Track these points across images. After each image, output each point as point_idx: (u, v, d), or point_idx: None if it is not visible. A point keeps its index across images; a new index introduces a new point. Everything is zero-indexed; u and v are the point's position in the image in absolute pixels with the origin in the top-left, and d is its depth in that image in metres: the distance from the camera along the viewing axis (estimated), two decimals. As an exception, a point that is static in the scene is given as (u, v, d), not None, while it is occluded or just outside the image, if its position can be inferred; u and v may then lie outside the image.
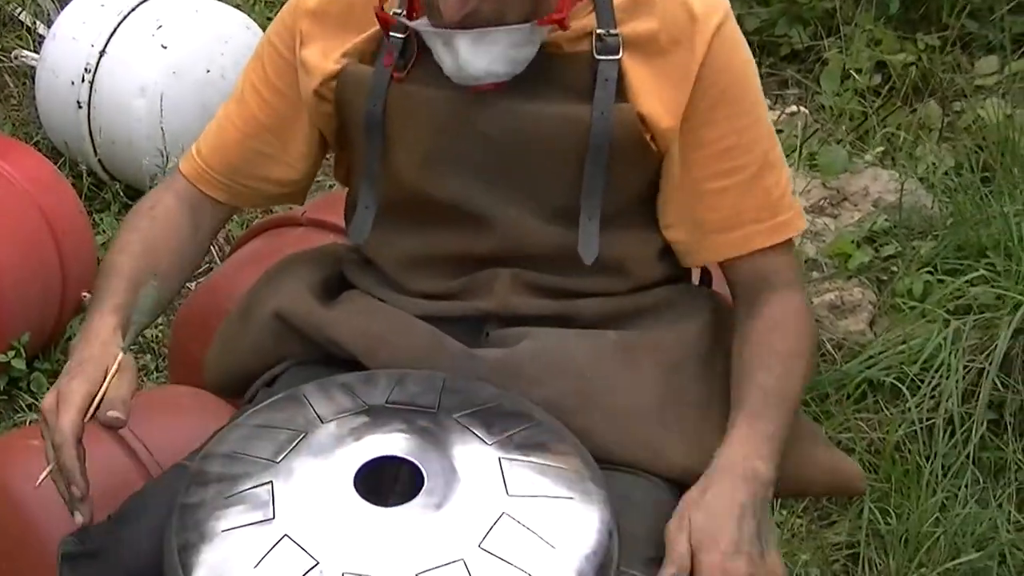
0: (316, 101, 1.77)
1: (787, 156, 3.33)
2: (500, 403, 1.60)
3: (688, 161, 1.71)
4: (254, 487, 1.51)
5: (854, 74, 3.70)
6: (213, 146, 1.85)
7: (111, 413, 1.60)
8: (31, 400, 2.85)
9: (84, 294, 2.90)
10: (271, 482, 1.51)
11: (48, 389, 2.78)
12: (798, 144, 3.35)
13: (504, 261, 1.74)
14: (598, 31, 1.67)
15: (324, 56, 1.75)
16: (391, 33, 1.70)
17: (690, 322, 1.77)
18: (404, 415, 1.57)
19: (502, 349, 1.70)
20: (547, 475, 1.52)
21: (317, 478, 1.50)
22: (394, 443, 1.53)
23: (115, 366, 1.63)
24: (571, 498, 1.50)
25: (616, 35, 1.67)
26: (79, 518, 1.60)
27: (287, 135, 1.81)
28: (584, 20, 1.68)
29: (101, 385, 1.62)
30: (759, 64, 3.83)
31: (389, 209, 1.78)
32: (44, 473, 1.61)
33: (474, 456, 1.52)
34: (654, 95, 1.68)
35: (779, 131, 3.59)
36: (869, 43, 3.85)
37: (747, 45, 1.76)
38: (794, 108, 3.68)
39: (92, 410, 1.61)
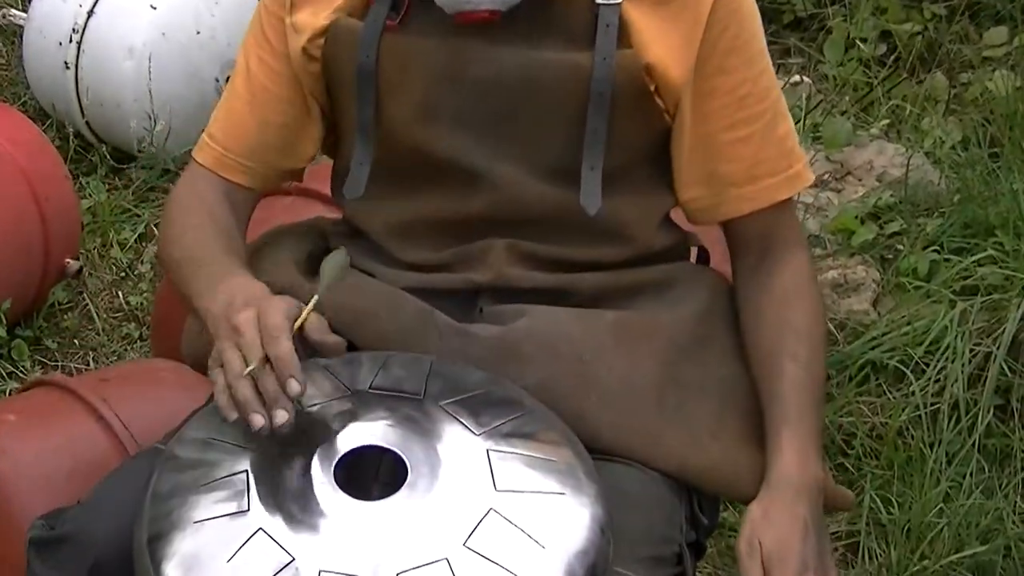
0: (304, 61, 1.70)
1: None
2: (489, 390, 1.53)
3: (703, 113, 1.66)
4: (229, 476, 1.44)
5: (859, 43, 3.61)
6: (227, 128, 1.77)
7: (330, 336, 1.51)
8: (11, 368, 2.78)
9: (67, 260, 2.83)
10: (247, 471, 1.44)
11: (29, 358, 2.82)
12: (802, 115, 3.27)
13: (499, 224, 1.67)
14: None
15: (314, 14, 1.69)
16: None
17: (690, 302, 1.70)
18: (388, 402, 1.50)
19: (496, 327, 1.63)
20: (537, 468, 1.45)
21: (296, 468, 1.43)
22: (377, 432, 1.47)
23: (313, 301, 1.51)
24: (562, 493, 1.43)
25: None
26: (281, 416, 1.43)
27: (302, 101, 1.74)
28: None
29: (303, 310, 1.51)
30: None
31: (381, 170, 1.71)
32: (248, 368, 1.45)
33: (461, 447, 1.45)
34: (661, 43, 1.63)
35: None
36: (874, 11, 3.77)
37: None
38: (797, 78, 3.60)
39: (300, 322, 1.50)
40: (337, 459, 1.43)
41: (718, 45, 1.65)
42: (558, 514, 1.42)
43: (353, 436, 1.46)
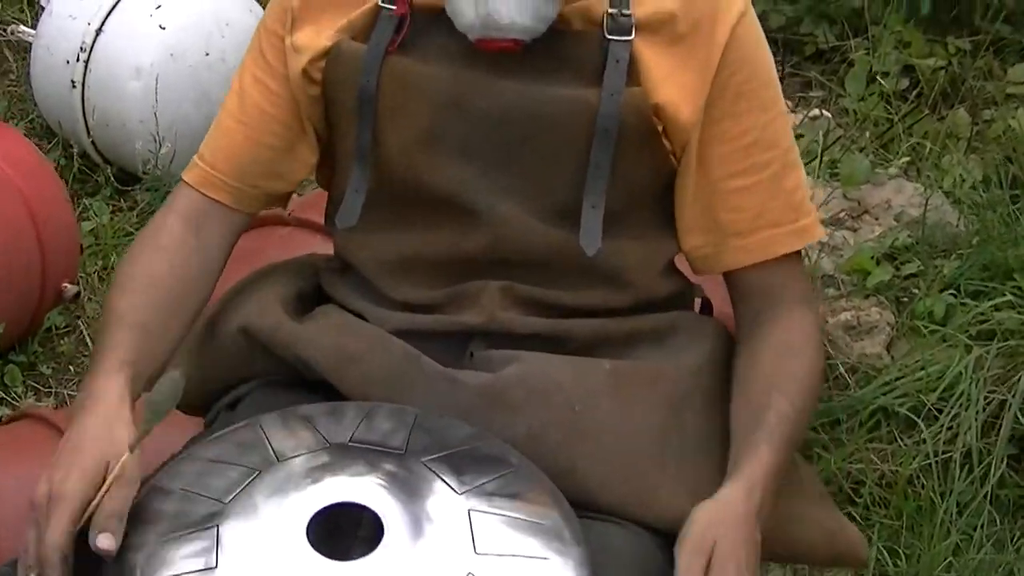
0: (304, 83, 1.65)
1: (807, 163, 3.24)
2: (475, 446, 1.47)
3: (707, 158, 1.62)
4: (199, 530, 1.38)
5: (880, 80, 3.54)
6: (217, 147, 1.71)
7: (102, 541, 1.36)
8: (2, 395, 2.73)
9: (65, 284, 2.78)
10: (217, 526, 1.38)
11: (23, 383, 2.77)
12: (819, 151, 3.20)
13: (496, 264, 1.62)
14: (610, 10, 1.58)
15: (317, 34, 1.64)
16: (383, 4, 1.61)
17: (692, 353, 1.64)
18: (369, 456, 1.44)
19: (485, 373, 1.57)
20: (520, 530, 1.39)
21: (268, 523, 1.38)
22: (355, 488, 1.41)
23: (118, 467, 1.41)
24: (545, 558, 1.37)
25: (628, 15, 1.58)
26: None
27: (298, 123, 1.68)
28: None
29: (100, 487, 1.40)
30: (782, 63, 3.75)
31: (376, 200, 1.66)
32: None
33: (442, 507, 1.39)
34: (671, 82, 1.59)
35: (799, 136, 3.46)
36: (897, 45, 3.70)
37: (765, 39, 1.67)
38: (817, 111, 3.53)
39: (84, 519, 1.38)
40: (311, 516, 1.37)
41: (728, 88, 1.60)
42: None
43: (330, 491, 1.40)
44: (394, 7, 1.61)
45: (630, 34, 1.58)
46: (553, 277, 1.62)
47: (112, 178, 3.31)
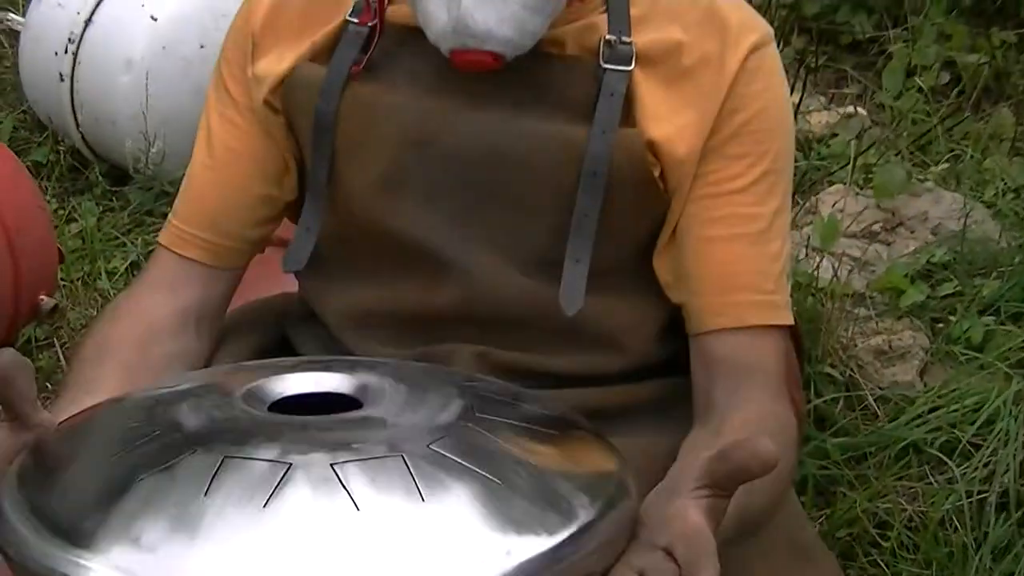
0: (268, 114, 1.48)
1: (840, 170, 3.04)
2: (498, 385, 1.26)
3: (688, 198, 1.43)
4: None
5: (918, 77, 3.35)
6: (188, 200, 1.54)
7: None
8: (-26, 415, 2.56)
9: (42, 297, 2.61)
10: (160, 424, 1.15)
11: (-3, 402, 2.60)
12: (852, 156, 3.00)
13: (469, 322, 1.44)
14: (608, 36, 1.39)
15: (278, 60, 1.47)
16: (349, 18, 1.43)
17: (686, 428, 1.45)
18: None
19: None
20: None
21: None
22: (327, 380, 1.19)
23: None
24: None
25: (629, 43, 1.39)
26: None
27: (273, 163, 1.51)
28: (593, 18, 1.40)
29: None
30: (817, 52, 3.56)
31: (336, 244, 1.49)
32: None
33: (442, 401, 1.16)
34: (669, 120, 1.40)
35: (833, 135, 3.27)
36: (938, 38, 3.51)
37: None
38: (851, 108, 3.34)
39: None
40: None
41: (726, 126, 1.41)
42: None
43: (292, 382, 1.19)
44: (358, 20, 1.43)
45: (629, 64, 1.39)
46: (533, 340, 1.44)
47: (102, 177, 3.14)
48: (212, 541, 0.95)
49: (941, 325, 2.63)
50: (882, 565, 2.30)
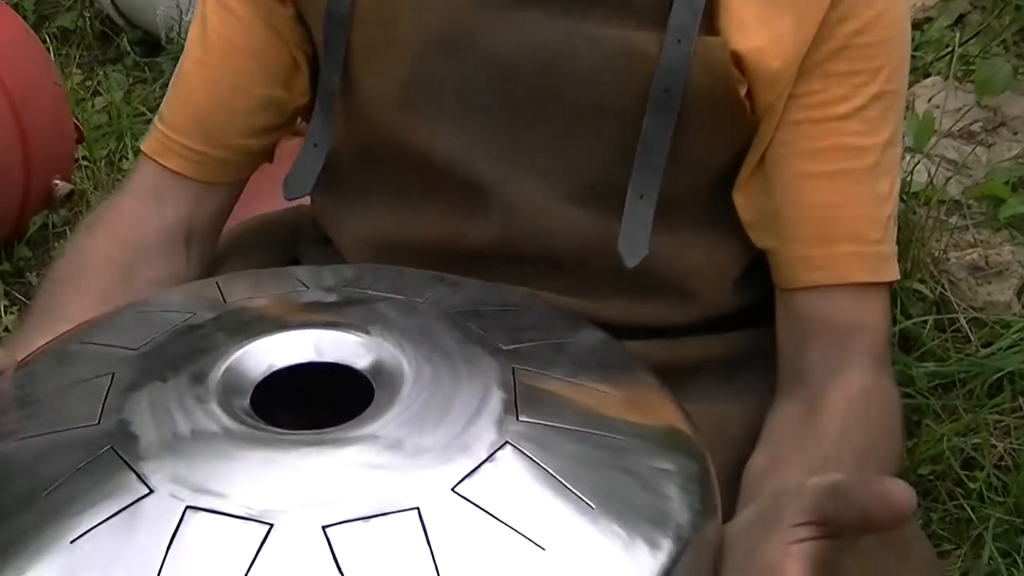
0: (272, 4, 1.25)
1: (937, 61, 2.77)
2: (535, 306, 1.03)
3: (782, 124, 1.17)
4: (88, 381, 0.90)
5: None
6: (176, 102, 1.31)
7: None
8: (-19, 310, 2.38)
9: (56, 182, 2.40)
10: (112, 375, 0.89)
11: (6, 294, 2.41)
12: (954, 45, 2.72)
13: (509, 261, 1.20)
14: None
15: None
16: None
17: (766, 393, 1.22)
18: (364, 301, 0.97)
19: None
20: (581, 399, 0.89)
21: (183, 382, 0.87)
22: (332, 342, 0.91)
23: None
24: (613, 437, 0.86)
25: None
26: None
27: (278, 59, 1.28)
28: None
29: None
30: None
31: (349, 164, 1.26)
32: None
33: (471, 362, 0.89)
34: (760, 28, 1.14)
35: (927, 19, 2.99)
36: None
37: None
38: (951, -11, 3.05)
39: None
40: (262, 376, 0.89)
41: (831, 38, 1.15)
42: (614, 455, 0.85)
43: (289, 346, 0.91)
44: None
45: None
46: (586, 283, 1.21)
47: (134, 45, 2.92)
48: None
49: (1045, 238, 2.37)
50: (968, 509, 2.08)
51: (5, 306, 2.36)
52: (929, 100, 2.59)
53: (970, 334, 2.26)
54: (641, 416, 0.89)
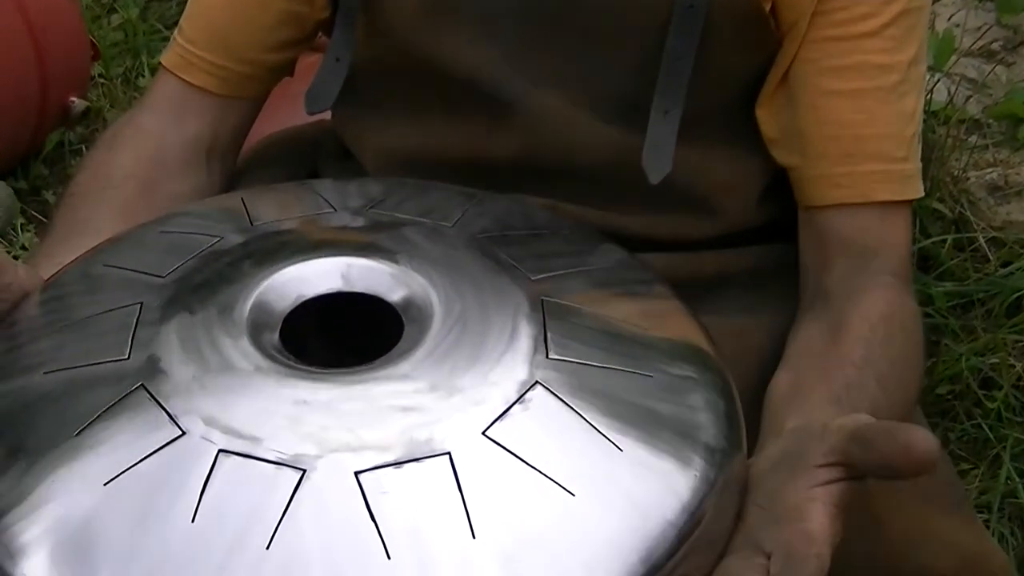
0: None
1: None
2: (564, 231, 1.01)
3: (806, 40, 1.16)
4: (118, 309, 0.88)
5: None
6: (194, 14, 1.29)
7: None
8: (-1, 225, 2.37)
9: (72, 99, 2.39)
10: (140, 304, 0.87)
11: (23, 212, 2.40)
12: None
13: (532, 174, 1.20)
14: None
15: None
16: None
17: (790, 307, 1.21)
18: (389, 230, 0.95)
19: None
20: (613, 335, 0.88)
21: (211, 314, 0.86)
22: (361, 269, 0.89)
23: None
24: (648, 375, 0.85)
25: None
26: None
27: None
28: None
29: None
30: None
31: (371, 77, 1.25)
32: None
33: (500, 295, 0.88)
34: None
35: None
36: None
37: None
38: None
39: None
40: (289, 308, 0.88)
41: None
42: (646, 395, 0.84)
43: (318, 273, 0.89)
44: None
45: None
46: (610, 196, 1.20)
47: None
48: None
49: (1065, 158, 2.36)
50: (986, 429, 2.08)
51: (22, 224, 2.36)
52: (949, 19, 2.57)
53: (989, 254, 2.25)
54: (668, 345, 0.88)
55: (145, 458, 0.75)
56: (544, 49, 1.18)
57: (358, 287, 0.88)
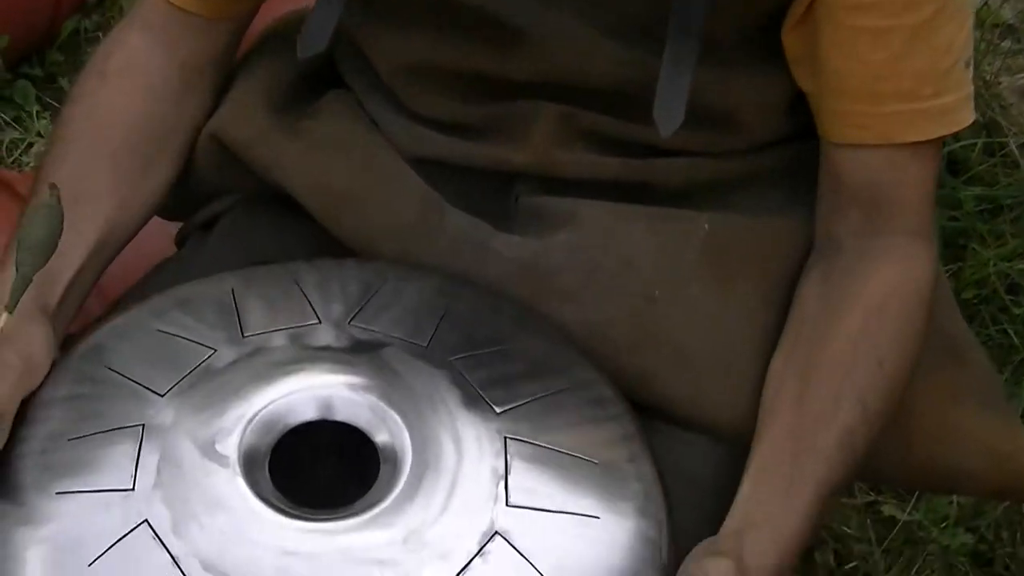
0: None
1: None
2: (524, 342, 1.06)
3: None
4: (119, 430, 0.97)
5: None
6: None
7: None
8: (14, 112, 2.32)
9: (87, -14, 2.35)
10: (143, 427, 0.96)
11: (38, 99, 2.37)
12: None
13: (550, 90, 1.14)
14: None
15: None
16: None
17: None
18: (372, 348, 1.02)
19: (530, 240, 1.12)
20: (569, 474, 0.97)
21: (207, 436, 0.96)
22: (345, 400, 0.99)
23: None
24: (596, 517, 0.96)
25: None
26: None
27: None
28: None
29: None
30: None
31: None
32: None
33: (471, 432, 0.97)
34: None
35: None
36: None
37: None
38: None
39: None
40: (273, 443, 0.97)
41: None
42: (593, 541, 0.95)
43: (307, 402, 0.99)
44: None
45: None
46: (632, 112, 1.14)
47: None
48: None
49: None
50: (1011, 335, 2.07)
51: (37, 111, 2.33)
52: (984, -80, 2.52)
53: (1019, 159, 2.23)
54: (616, 489, 0.98)
55: None
56: None
57: (339, 417, 0.98)
